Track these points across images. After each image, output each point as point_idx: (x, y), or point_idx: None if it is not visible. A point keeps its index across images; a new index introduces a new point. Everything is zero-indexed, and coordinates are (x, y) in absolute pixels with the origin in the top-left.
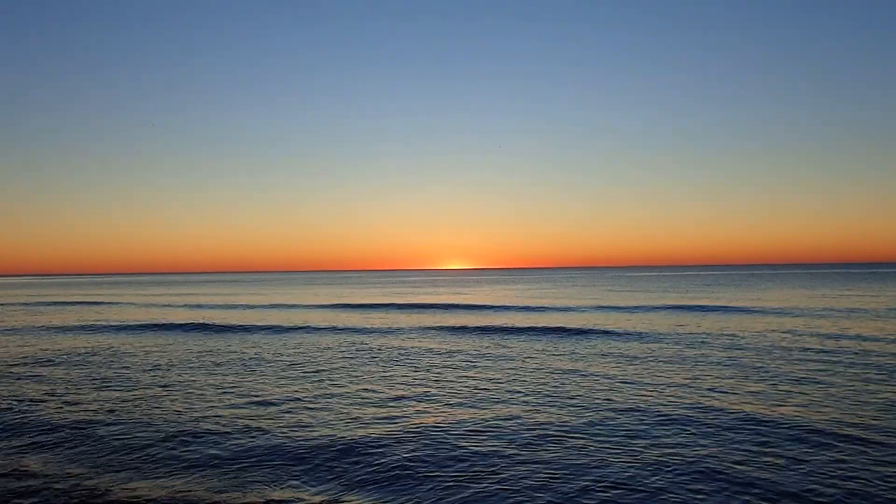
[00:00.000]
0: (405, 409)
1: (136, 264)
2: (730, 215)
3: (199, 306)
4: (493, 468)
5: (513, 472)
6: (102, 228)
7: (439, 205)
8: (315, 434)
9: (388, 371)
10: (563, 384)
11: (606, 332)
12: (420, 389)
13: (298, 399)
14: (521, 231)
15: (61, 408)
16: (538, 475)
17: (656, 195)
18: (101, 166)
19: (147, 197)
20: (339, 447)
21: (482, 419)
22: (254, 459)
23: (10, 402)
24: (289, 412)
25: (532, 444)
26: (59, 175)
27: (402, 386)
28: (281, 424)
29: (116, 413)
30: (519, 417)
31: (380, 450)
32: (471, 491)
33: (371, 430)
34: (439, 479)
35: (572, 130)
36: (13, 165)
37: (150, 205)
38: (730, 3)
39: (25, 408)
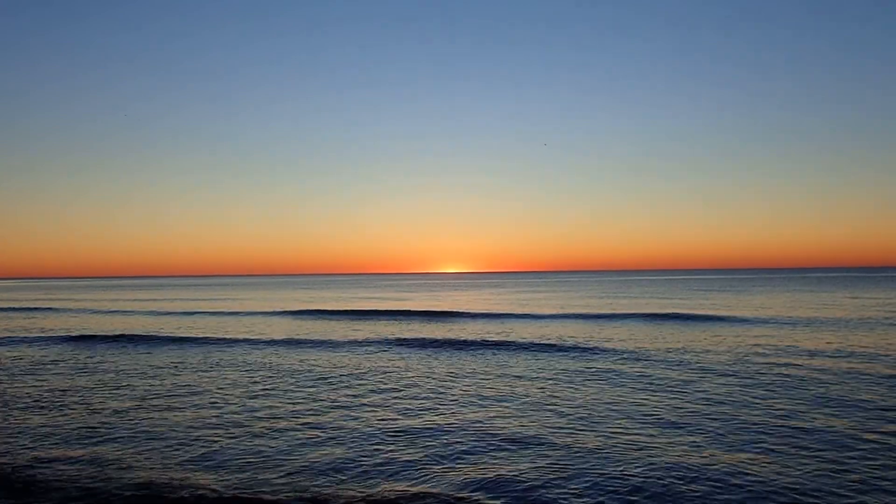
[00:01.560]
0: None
1: (133, 267)
2: (732, 219)
3: (153, 313)
4: None
5: None
6: (100, 230)
7: (439, 208)
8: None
9: (294, 397)
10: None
11: (562, 347)
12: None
13: (183, 430)
14: (521, 235)
15: None
16: None
17: (658, 199)
18: (100, 167)
19: (145, 199)
20: None
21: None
22: None
23: None
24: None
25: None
26: (56, 176)
27: (289, 418)
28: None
29: None
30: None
31: None
32: None
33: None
34: None
35: (573, 133)
36: (12, 165)
37: (147, 207)
38: (730, 5)
39: None
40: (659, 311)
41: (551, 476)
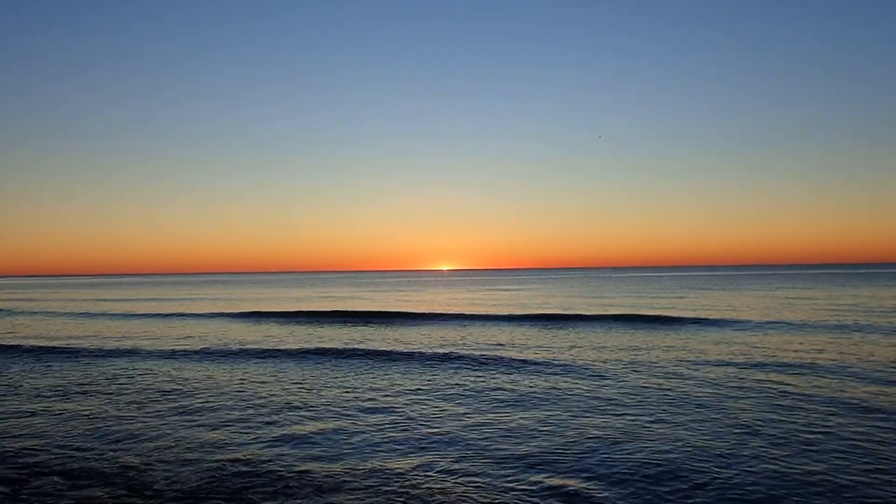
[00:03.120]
0: None
1: (132, 266)
2: (731, 218)
3: (87, 315)
4: None
5: None
6: (97, 228)
7: (439, 206)
8: None
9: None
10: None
11: (486, 361)
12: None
13: None
14: (520, 232)
15: None
16: None
17: (653, 196)
18: (99, 166)
19: (142, 198)
20: None
21: None
22: None
23: None
24: None
25: None
26: (54, 175)
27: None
28: None
29: None
30: None
31: None
32: None
33: None
34: None
35: (570, 133)
36: (10, 165)
37: (145, 205)
38: (725, 5)
39: None
40: (629, 312)
41: None
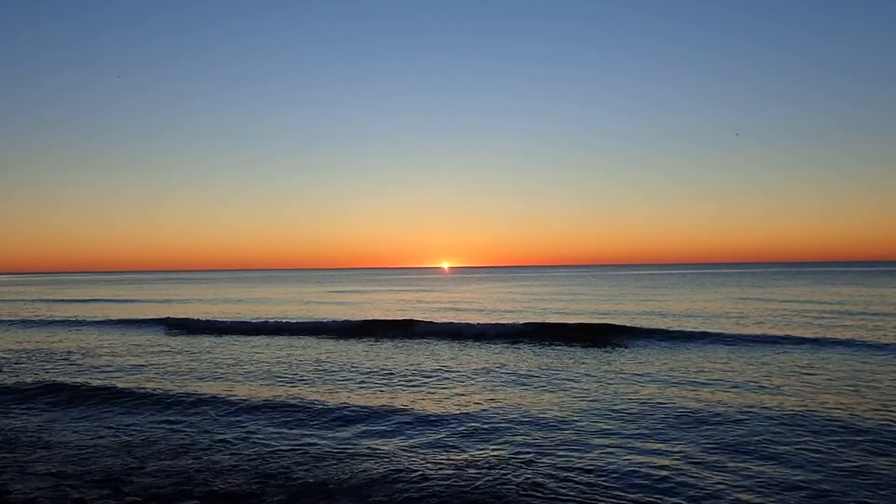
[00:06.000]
0: None
1: (128, 262)
2: (728, 214)
3: None
4: None
5: None
6: (95, 226)
7: (436, 204)
8: None
9: None
10: None
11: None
12: None
13: None
14: (519, 230)
15: None
16: None
17: (655, 194)
18: (97, 164)
19: (139, 195)
20: None
21: None
22: None
23: None
24: None
25: None
26: (53, 173)
27: None
28: None
29: None
30: None
31: None
32: None
33: None
34: None
35: (570, 130)
36: (10, 164)
37: (142, 202)
38: (724, 4)
39: None
40: (587, 321)
41: None
